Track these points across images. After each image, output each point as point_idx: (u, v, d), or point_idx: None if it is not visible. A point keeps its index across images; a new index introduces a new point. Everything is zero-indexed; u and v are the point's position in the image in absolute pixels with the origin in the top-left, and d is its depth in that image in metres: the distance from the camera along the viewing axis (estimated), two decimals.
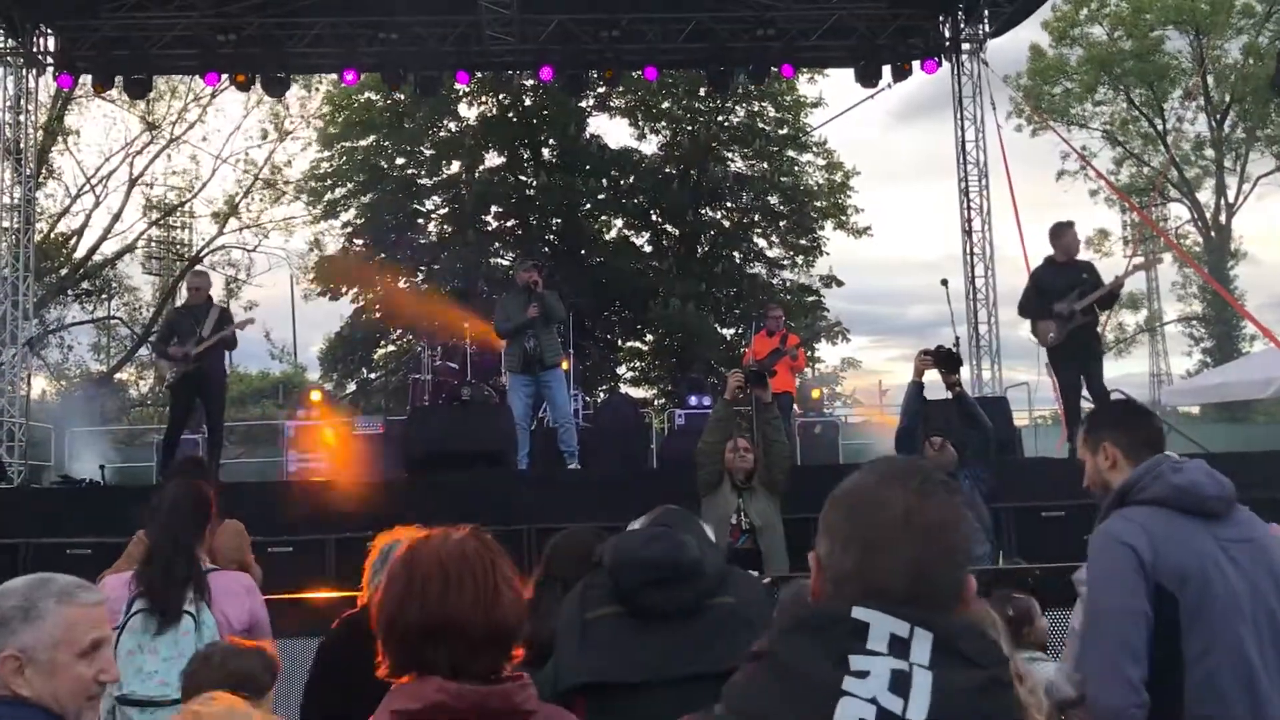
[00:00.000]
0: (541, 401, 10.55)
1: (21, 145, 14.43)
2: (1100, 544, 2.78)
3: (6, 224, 14.53)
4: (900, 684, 1.34)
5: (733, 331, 25.08)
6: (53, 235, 25.87)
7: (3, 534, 7.63)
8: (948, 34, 14.79)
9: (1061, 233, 9.41)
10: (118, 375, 28.51)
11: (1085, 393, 9.07)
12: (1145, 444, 2.94)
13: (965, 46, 14.70)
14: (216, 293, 28.27)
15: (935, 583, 1.47)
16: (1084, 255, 10.14)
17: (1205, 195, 32.40)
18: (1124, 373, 31.96)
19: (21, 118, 14.45)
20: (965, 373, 12.90)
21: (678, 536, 2.56)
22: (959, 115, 14.78)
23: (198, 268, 24.38)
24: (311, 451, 13.32)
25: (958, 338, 11.37)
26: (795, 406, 13.07)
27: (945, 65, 14.79)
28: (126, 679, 3.58)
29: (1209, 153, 32.10)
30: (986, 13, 14.26)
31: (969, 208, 14.65)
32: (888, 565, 1.47)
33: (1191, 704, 2.63)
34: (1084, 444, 3.09)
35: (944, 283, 11.74)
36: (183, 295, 10.16)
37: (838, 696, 1.34)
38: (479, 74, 18.08)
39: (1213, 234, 31.62)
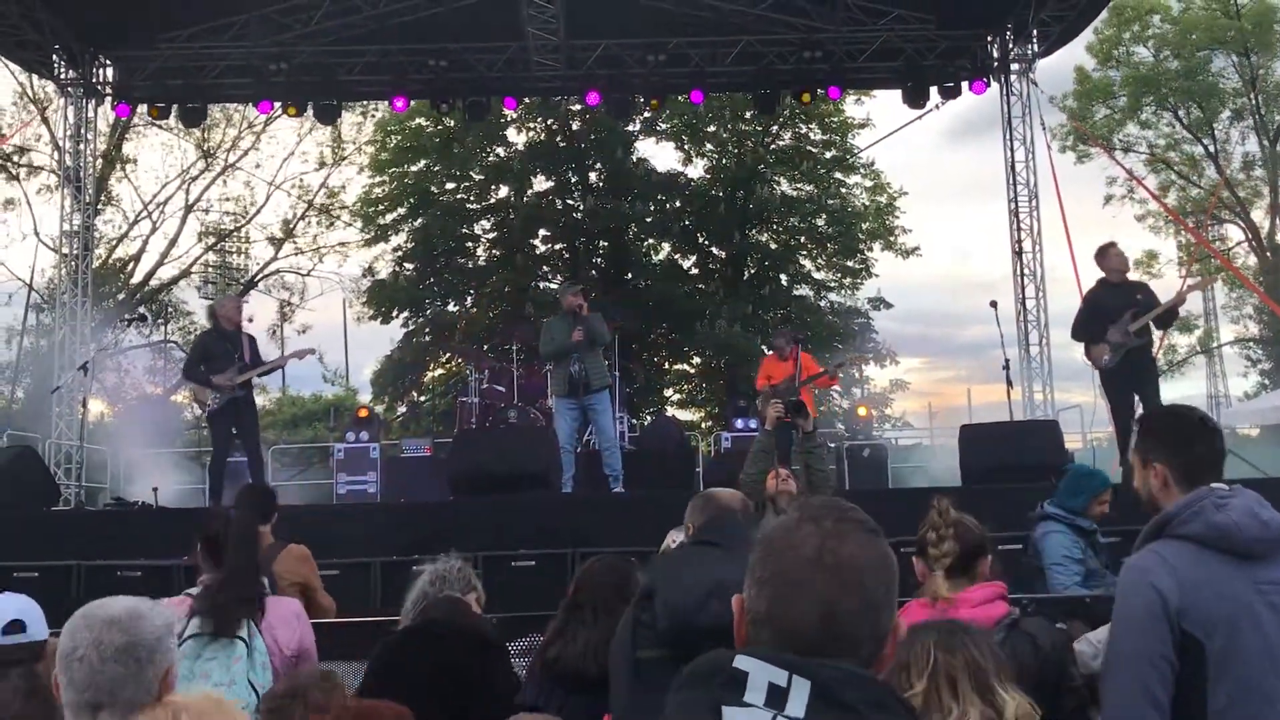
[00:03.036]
0: (587, 424, 10.57)
1: (81, 173, 14.77)
2: (1128, 581, 2.67)
3: (66, 250, 14.85)
4: None
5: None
6: (110, 260, 26.40)
7: (57, 555, 7.75)
8: (996, 54, 14.70)
9: (1104, 253, 9.35)
10: (172, 398, 28.96)
11: (1139, 416, 8.91)
12: (1199, 467, 2.77)
13: (1014, 67, 14.59)
14: (268, 317, 28.85)
15: (846, 625, 1.39)
16: (1134, 278, 10.01)
17: (1259, 215, 31.87)
18: (1181, 394, 31.36)
19: (81, 146, 14.79)
20: (1017, 393, 12.81)
21: (730, 588, 2.54)
22: (1008, 136, 14.66)
23: (230, 294, 24.81)
24: (361, 474, 13.41)
25: (1008, 360, 11.27)
26: (840, 426, 12.95)
27: (994, 86, 14.70)
28: None
29: (1258, 172, 31.57)
30: (1035, 33, 14.15)
31: (1019, 228, 14.51)
32: (799, 607, 1.41)
33: None
34: (1135, 453, 2.93)
35: (993, 304, 11.70)
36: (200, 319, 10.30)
37: None
38: (526, 99, 18.21)
39: (1268, 254, 31.04)
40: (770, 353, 11.61)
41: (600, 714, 3.28)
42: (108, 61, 14.75)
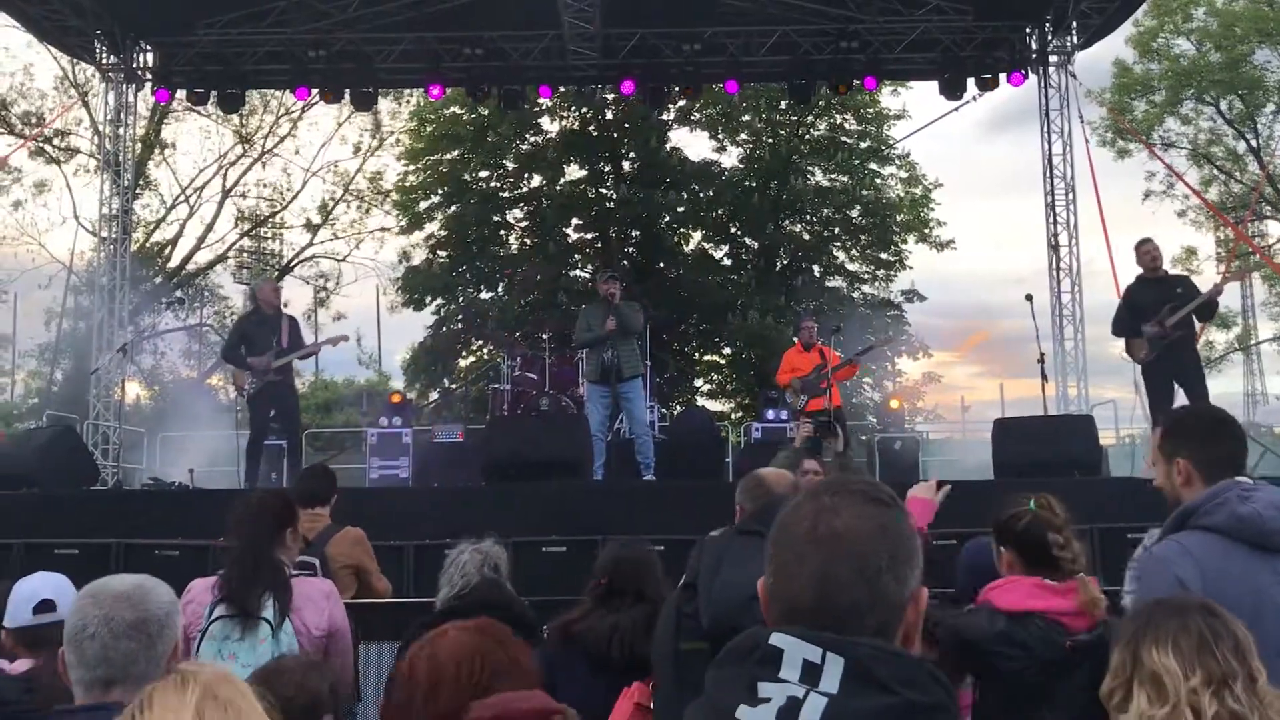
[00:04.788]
0: (618, 413, 10.61)
1: (120, 157, 14.94)
2: (1150, 568, 2.71)
3: (105, 233, 15.04)
4: (790, 711, 1.29)
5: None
6: (148, 244, 26.70)
7: (96, 534, 7.87)
8: (1034, 46, 14.58)
9: (1139, 249, 9.44)
10: (208, 380, 29.28)
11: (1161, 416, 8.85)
12: (1222, 463, 2.81)
13: (1053, 59, 14.47)
14: (306, 301, 29.08)
15: (840, 594, 1.38)
16: (1174, 272, 9.97)
17: None
18: (1219, 392, 31.03)
19: (121, 131, 14.96)
20: (1051, 389, 12.72)
21: None
22: (1045, 129, 14.54)
23: (267, 277, 25.03)
24: (393, 459, 13.50)
25: (1043, 354, 11.18)
26: (871, 419, 12.91)
27: (1032, 78, 14.58)
28: None
29: None
30: (1075, 24, 14.02)
31: (1055, 222, 14.41)
32: (798, 580, 1.41)
33: None
34: (1157, 449, 2.96)
35: (1028, 298, 11.60)
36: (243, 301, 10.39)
37: None
38: (561, 88, 18.23)
39: None
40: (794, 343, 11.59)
41: (615, 698, 3.32)
42: (148, 47, 14.91)
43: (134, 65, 14.84)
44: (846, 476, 1.58)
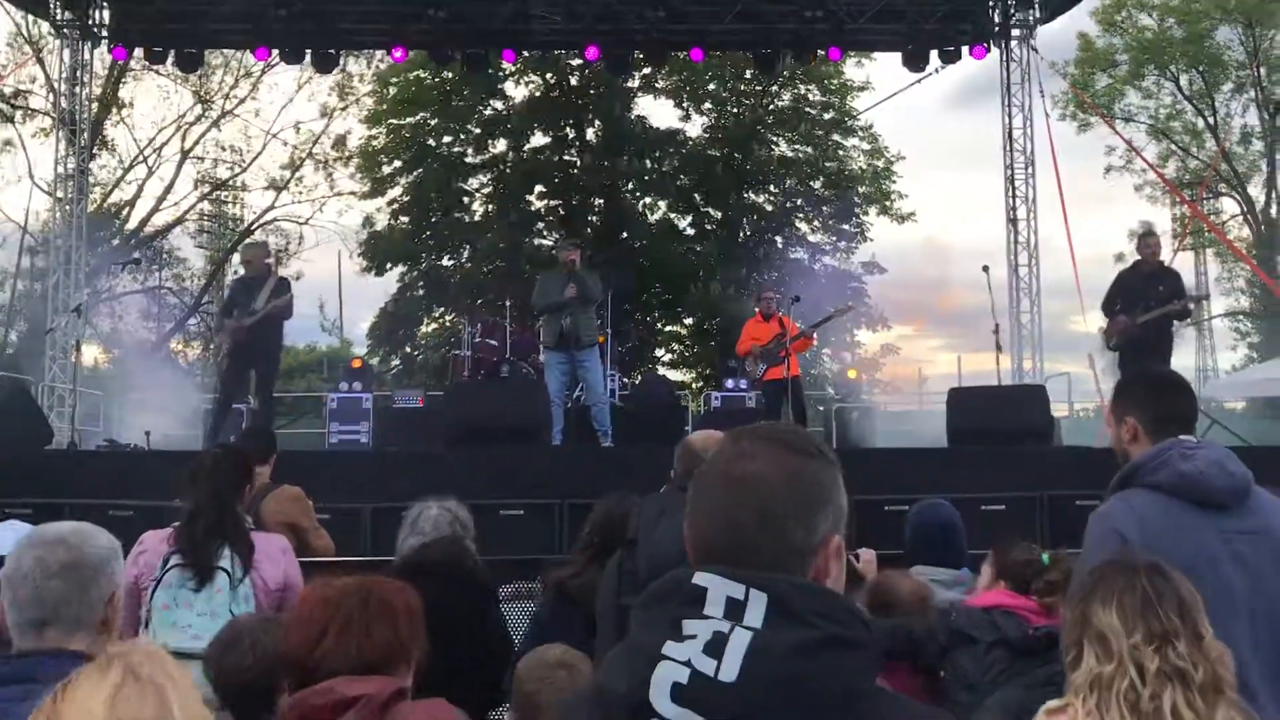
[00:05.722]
0: (577, 380, 10.64)
1: (77, 117, 14.70)
2: (1094, 529, 2.74)
3: (61, 194, 14.81)
4: (717, 645, 1.30)
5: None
6: (105, 205, 26.30)
7: (48, 495, 7.81)
8: (998, 19, 14.64)
9: (1142, 240, 9.91)
10: (167, 344, 28.98)
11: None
12: (1170, 420, 2.84)
13: (1015, 32, 14.55)
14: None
15: (744, 536, 1.41)
16: (1127, 248, 10.26)
17: (1255, 190, 31.87)
18: (1173, 367, 31.47)
19: (77, 89, 14.71)
20: (1006, 361, 12.89)
21: None
22: (1006, 103, 14.64)
23: (251, 238, 24.74)
24: (353, 424, 13.47)
25: (997, 325, 11.34)
26: (830, 390, 13.01)
27: (994, 51, 14.66)
28: (161, 632, 3.66)
29: (1257, 146, 31.54)
30: None
31: (1014, 197, 14.54)
32: (708, 522, 1.45)
33: None
34: (1109, 411, 3.02)
35: (985, 269, 11.75)
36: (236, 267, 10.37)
37: (657, 662, 1.32)
38: (525, 53, 18.11)
39: (1263, 228, 31.07)
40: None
41: None
42: (104, 4, 14.63)
43: (90, 22, 14.56)
44: (771, 424, 1.60)
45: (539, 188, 27.01)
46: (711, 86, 26.78)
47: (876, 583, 3.82)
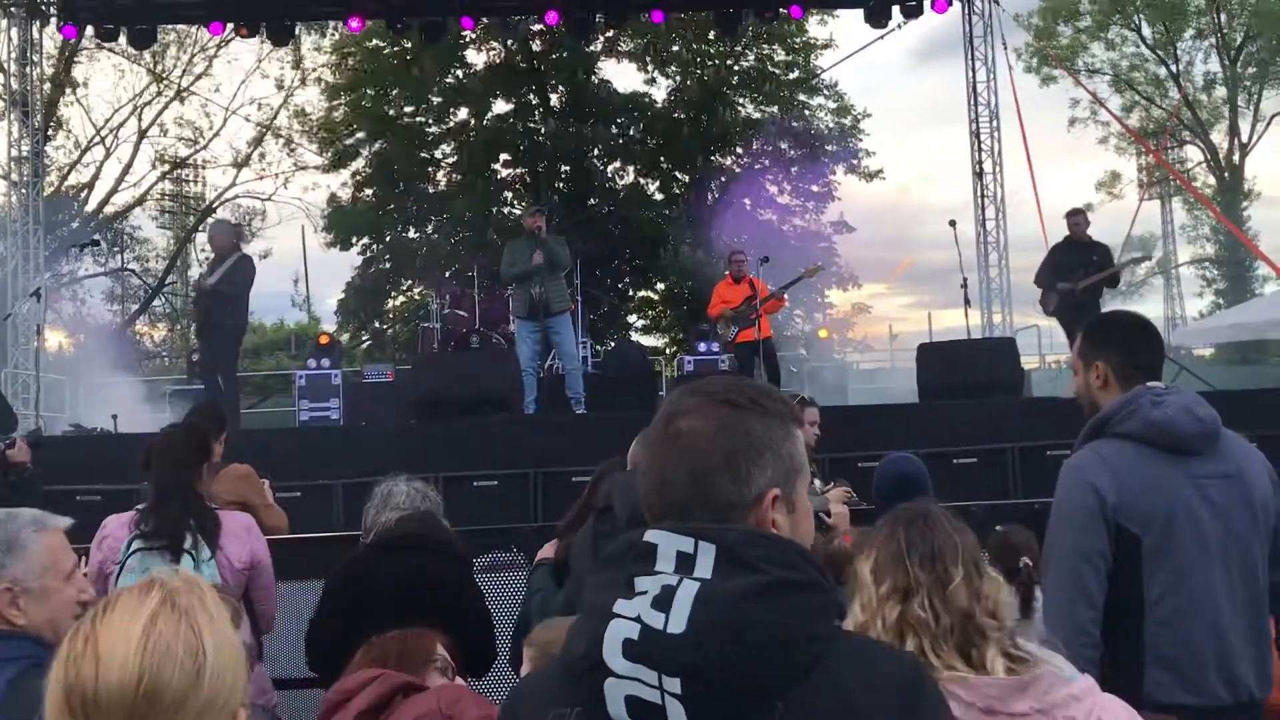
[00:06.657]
0: (549, 348, 10.59)
1: (28, 97, 14.40)
2: (1066, 480, 2.74)
3: (15, 177, 14.55)
4: (665, 598, 1.31)
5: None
6: (63, 188, 25.89)
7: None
8: None
9: (1071, 217, 10.63)
10: (132, 327, 28.66)
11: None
12: (1140, 367, 2.83)
13: None
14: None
15: (674, 494, 1.42)
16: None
17: (1218, 137, 32.05)
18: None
19: (28, 69, 14.40)
20: (975, 316, 12.94)
21: None
22: (969, 56, 14.60)
23: (213, 218, 24.44)
24: (323, 401, 13.36)
25: (965, 279, 11.36)
26: (802, 351, 13.03)
27: (957, 4, 14.59)
28: None
29: (1220, 92, 31.71)
30: None
31: (980, 150, 14.52)
32: (648, 483, 1.47)
33: (1153, 646, 2.60)
34: (1077, 356, 2.98)
35: (952, 224, 11.76)
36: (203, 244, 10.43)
37: (609, 620, 1.33)
38: (484, 19, 17.88)
39: (1226, 175, 31.29)
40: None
41: None
42: None
43: (38, 0, 14.25)
44: (712, 377, 1.59)
45: (504, 156, 26.80)
46: (675, 49, 26.57)
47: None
